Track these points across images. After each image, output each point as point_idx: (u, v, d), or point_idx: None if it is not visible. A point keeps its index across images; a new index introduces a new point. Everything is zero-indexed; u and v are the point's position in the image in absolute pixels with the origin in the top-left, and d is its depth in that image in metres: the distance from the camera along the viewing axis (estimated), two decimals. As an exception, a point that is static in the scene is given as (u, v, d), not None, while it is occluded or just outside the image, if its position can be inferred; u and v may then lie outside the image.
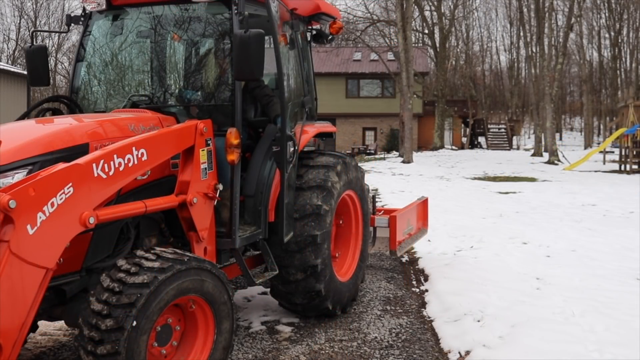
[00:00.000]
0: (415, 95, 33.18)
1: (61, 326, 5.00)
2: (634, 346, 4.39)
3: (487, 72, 61.44)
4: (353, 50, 40.65)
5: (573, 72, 64.73)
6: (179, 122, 4.37)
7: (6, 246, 2.93)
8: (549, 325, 4.81)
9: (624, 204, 12.92)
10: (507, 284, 6.10)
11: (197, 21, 4.78)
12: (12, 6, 47.07)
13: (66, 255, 3.40)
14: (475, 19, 58.22)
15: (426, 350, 4.72)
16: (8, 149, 3.41)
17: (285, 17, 5.09)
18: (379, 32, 36.72)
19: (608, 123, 46.18)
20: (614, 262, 7.32)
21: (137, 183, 3.96)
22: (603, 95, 54.87)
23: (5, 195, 2.92)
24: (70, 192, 3.22)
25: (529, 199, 13.99)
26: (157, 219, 4.27)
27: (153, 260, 3.41)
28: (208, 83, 4.94)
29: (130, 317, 3.16)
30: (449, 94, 45.48)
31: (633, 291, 5.91)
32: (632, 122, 24.12)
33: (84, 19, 4.94)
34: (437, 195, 14.03)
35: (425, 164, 26.39)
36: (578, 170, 23.33)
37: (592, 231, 9.59)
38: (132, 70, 5.05)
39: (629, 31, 51.25)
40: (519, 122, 54.40)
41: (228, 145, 4.27)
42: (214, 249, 4.39)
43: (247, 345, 4.76)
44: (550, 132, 29.21)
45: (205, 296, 3.61)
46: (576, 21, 36.01)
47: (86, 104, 4.93)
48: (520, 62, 57.72)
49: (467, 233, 9.22)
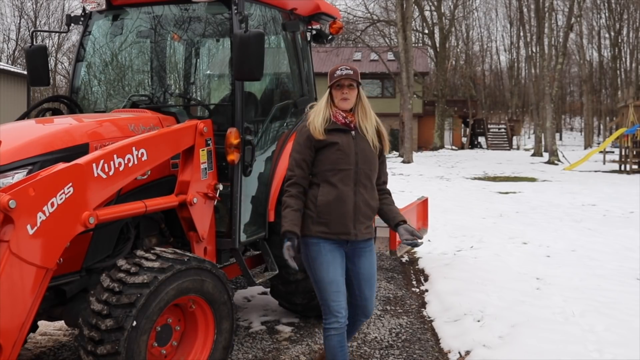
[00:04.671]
0: (415, 95, 33.19)
1: (61, 326, 5.00)
2: (634, 346, 4.38)
3: (487, 72, 61.48)
4: (353, 50, 40.63)
5: (573, 72, 64.73)
6: (179, 122, 4.36)
7: (6, 246, 2.93)
8: (549, 325, 4.81)
9: (624, 204, 12.92)
10: (507, 284, 6.10)
11: (197, 21, 4.78)
12: (12, 6, 47.07)
13: (66, 255, 3.40)
14: (475, 19, 58.33)
15: (426, 350, 4.72)
16: (8, 149, 3.41)
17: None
18: (379, 32, 36.73)
19: (608, 123, 46.18)
20: (614, 262, 7.32)
21: (137, 183, 3.96)
22: (603, 95, 54.89)
23: (5, 195, 2.92)
24: (70, 192, 3.22)
25: (529, 199, 13.99)
26: (157, 219, 4.27)
27: (153, 260, 3.42)
28: (208, 83, 4.93)
29: (130, 317, 3.16)
30: (449, 94, 45.46)
31: (633, 291, 5.91)
32: (632, 122, 24.11)
33: (84, 19, 4.93)
34: (437, 195, 14.03)
35: (425, 164, 26.39)
36: (578, 170, 23.33)
37: (592, 231, 9.59)
38: (132, 70, 5.05)
39: (629, 31, 51.28)
40: (519, 122, 54.39)
41: (228, 145, 4.27)
42: (214, 249, 4.39)
43: (247, 345, 4.76)
44: (550, 132, 29.22)
45: (205, 296, 3.61)
46: (576, 21, 36.01)
47: (86, 104, 4.93)
48: (520, 62, 57.77)
49: (467, 233, 9.23)
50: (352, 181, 3.50)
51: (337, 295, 3.53)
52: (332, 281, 3.51)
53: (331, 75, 3.57)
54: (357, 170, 3.51)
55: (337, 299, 3.54)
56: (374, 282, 3.71)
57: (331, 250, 3.53)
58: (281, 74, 5.41)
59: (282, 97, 5.37)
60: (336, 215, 3.48)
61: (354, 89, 3.56)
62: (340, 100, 3.55)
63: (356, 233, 3.53)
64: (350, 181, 3.50)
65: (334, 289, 3.52)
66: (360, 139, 3.56)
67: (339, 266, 3.55)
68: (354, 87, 3.56)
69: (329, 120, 3.54)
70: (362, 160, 3.53)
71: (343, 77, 3.52)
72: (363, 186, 3.53)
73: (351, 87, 3.55)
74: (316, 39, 5.67)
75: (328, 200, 3.48)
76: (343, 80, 3.53)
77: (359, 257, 3.64)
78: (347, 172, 3.49)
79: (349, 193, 3.49)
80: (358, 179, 3.51)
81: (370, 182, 3.57)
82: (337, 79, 3.53)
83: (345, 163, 3.50)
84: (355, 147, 3.53)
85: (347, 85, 3.55)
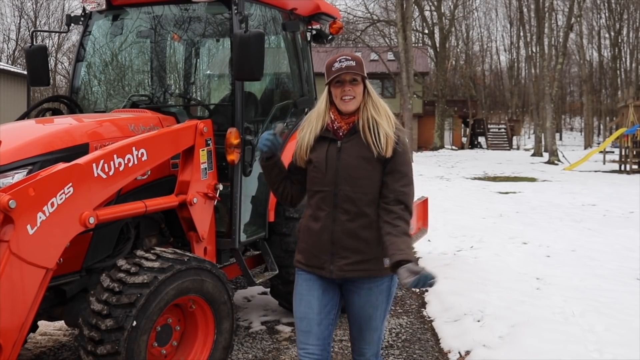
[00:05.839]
0: (415, 95, 33.18)
1: (61, 326, 5.00)
2: (634, 346, 4.38)
3: (487, 72, 61.44)
4: (353, 50, 40.65)
5: (573, 72, 64.69)
6: (179, 122, 4.37)
7: (6, 246, 2.93)
8: (549, 325, 4.81)
9: (624, 204, 12.91)
10: (507, 284, 6.10)
11: (197, 21, 4.78)
12: (12, 6, 47.03)
13: (66, 255, 3.40)
14: (475, 19, 58.29)
15: (426, 350, 4.72)
16: (8, 149, 3.41)
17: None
18: (379, 32, 36.73)
19: (608, 123, 46.16)
20: (614, 262, 7.32)
21: (137, 183, 3.96)
22: (603, 95, 54.85)
23: (5, 195, 2.92)
24: (70, 192, 3.22)
25: (529, 199, 13.99)
26: (157, 219, 4.28)
27: (153, 260, 3.42)
28: (208, 83, 4.93)
29: (130, 317, 3.16)
30: (449, 94, 45.46)
31: (633, 291, 5.91)
32: (632, 122, 24.09)
33: (84, 19, 4.94)
34: (437, 195, 14.02)
35: (425, 164, 26.38)
36: (578, 170, 23.32)
37: (592, 231, 9.59)
38: (132, 70, 5.05)
39: (629, 31, 51.25)
40: (519, 122, 54.38)
41: (228, 145, 4.27)
42: (214, 249, 4.39)
43: (247, 345, 4.76)
44: (550, 132, 29.20)
45: (205, 296, 3.62)
46: (576, 21, 35.99)
47: (86, 104, 4.93)
48: (520, 62, 57.73)
49: (467, 233, 9.23)
50: (329, 205, 2.77)
51: (306, 337, 2.82)
52: (303, 318, 2.84)
53: (328, 69, 2.79)
54: (335, 192, 2.75)
55: (305, 341, 2.83)
56: (368, 326, 2.87)
57: (308, 281, 2.85)
58: (281, 74, 5.41)
59: (282, 97, 5.37)
60: (310, 244, 2.83)
61: (358, 85, 2.78)
62: (340, 100, 2.78)
63: (332, 270, 2.77)
64: (327, 205, 2.77)
65: (303, 328, 2.84)
66: (351, 150, 2.76)
67: (315, 301, 2.82)
68: (359, 81, 2.78)
69: (323, 129, 2.84)
70: (346, 178, 2.74)
71: (343, 71, 2.74)
72: (345, 212, 2.75)
73: (355, 82, 2.77)
74: (316, 39, 5.68)
75: (306, 225, 2.86)
76: (344, 75, 2.76)
77: (350, 294, 2.88)
78: (323, 195, 2.78)
79: (325, 220, 2.77)
80: (337, 202, 2.75)
81: (357, 206, 2.74)
82: (336, 74, 2.75)
83: (319, 184, 2.79)
84: (338, 162, 2.75)
85: (349, 81, 2.77)
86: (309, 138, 2.83)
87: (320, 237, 2.79)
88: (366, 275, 2.79)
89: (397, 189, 2.74)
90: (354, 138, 2.78)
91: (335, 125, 2.81)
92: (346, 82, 2.76)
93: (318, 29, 5.71)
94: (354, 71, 2.74)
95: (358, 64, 2.75)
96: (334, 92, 2.80)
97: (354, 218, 2.75)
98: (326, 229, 2.77)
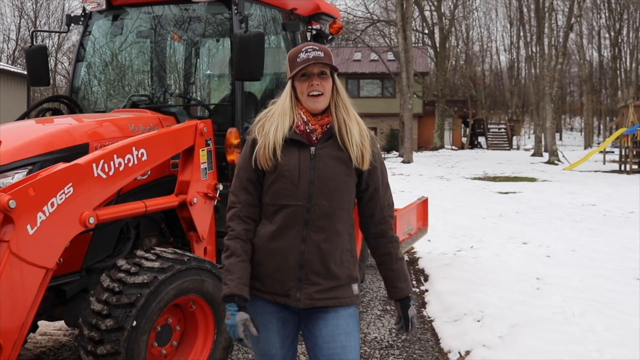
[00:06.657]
0: (415, 95, 33.19)
1: (61, 326, 4.99)
2: (634, 346, 4.38)
3: (487, 72, 61.46)
4: (353, 50, 40.63)
5: (573, 72, 64.72)
6: (179, 122, 4.37)
7: (6, 246, 2.93)
8: (549, 325, 4.81)
9: (624, 204, 12.92)
10: (507, 284, 6.10)
11: (197, 21, 4.78)
12: (12, 6, 47.03)
13: (66, 255, 3.40)
14: (475, 19, 58.31)
15: (426, 350, 4.72)
16: (8, 149, 3.41)
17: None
18: (379, 32, 36.74)
19: (608, 123, 46.18)
20: (614, 262, 7.32)
21: (137, 183, 3.96)
22: (603, 95, 54.89)
23: (5, 195, 2.92)
24: (70, 192, 3.22)
25: (529, 199, 14.00)
26: (157, 219, 4.27)
27: (153, 260, 3.42)
28: (208, 83, 4.93)
29: (130, 317, 3.16)
30: (449, 94, 45.48)
31: (633, 291, 5.91)
32: (632, 122, 24.11)
33: (84, 19, 4.94)
34: (437, 195, 14.03)
35: (425, 164, 26.39)
36: (578, 170, 23.33)
37: (592, 231, 9.60)
38: (132, 70, 5.05)
39: (629, 31, 51.28)
40: (519, 122, 54.40)
41: (228, 145, 4.27)
42: (214, 249, 4.39)
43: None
44: (550, 132, 29.22)
45: (205, 296, 3.61)
46: (576, 21, 36.00)
47: (86, 104, 4.93)
48: (520, 62, 57.74)
49: (467, 233, 9.23)
50: (299, 222, 2.32)
51: None
52: (264, 355, 2.44)
53: (292, 60, 2.36)
54: (308, 207, 2.32)
55: None
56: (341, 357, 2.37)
57: (264, 314, 2.39)
58: (281, 74, 5.41)
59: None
60: (272, 268, 2.35)
61: (327, 79, 2.36)
62: (307, 97, 2.35)
63: (299, 298, 2.33)
64: (297, 222, 2.32)
65: None
66: (327, 157, 2.34)
67: (275, 336, 2.42)
68: (327, 75, 2.36)
69: (290, 129, 2.37)
70: (322, 191, 2.32)
71: (310, 62, 2.31)
72: (318, 230, 2.33)
73: (324, 76, 2.35)
74: (316, 39, 5.68)
75: (265, 245, 2.37)
76: (311, 67, 2.33)
77: (312, 323, 2.41)
78: (292, 210, 2.32)
79: (293, 239, 2.32)
80: (309, 219, 2.32)
81: (333, 223, 2.34)
82: (302, 66, 2.32)
83: (289, 197, 2.33)
84: (312, 171, 2.32)
85: (317, 74, 2.34)
86: (275, 136, 2.34)
87: (286, 260, 2.33)
88: (337, 304, 2.38)
89: (381, 204, 2.45)
90: (329, 144, 2.36)
91: (309, 127, 2.36)
92: (314, 75, 2.34)
93: (318, 29, 5.71)
94: (323, 62, 2.32)
95: (326, 54, 2.34)
96: (299, 87, 2.36)
97: (330, 237, 2.34)
98: (293, 250, 2.32)
